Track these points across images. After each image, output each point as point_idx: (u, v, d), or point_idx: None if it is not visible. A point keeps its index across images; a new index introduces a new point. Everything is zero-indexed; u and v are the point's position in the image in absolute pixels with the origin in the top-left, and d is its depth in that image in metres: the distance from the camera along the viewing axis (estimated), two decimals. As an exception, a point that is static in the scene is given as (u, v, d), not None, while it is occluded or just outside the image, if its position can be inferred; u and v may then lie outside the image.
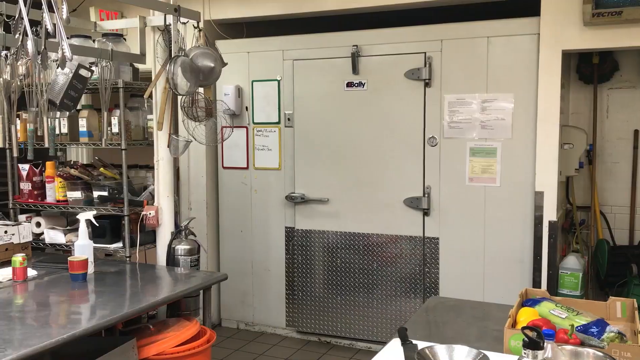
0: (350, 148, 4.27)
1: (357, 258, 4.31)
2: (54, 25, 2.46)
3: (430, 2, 4.09)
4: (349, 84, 4.21)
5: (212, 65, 3.32)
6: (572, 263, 4.01)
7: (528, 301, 2.26)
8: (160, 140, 3.43)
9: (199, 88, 3.42)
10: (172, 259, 3.35)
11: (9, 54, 2.84)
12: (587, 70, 4.58)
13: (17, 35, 2.63)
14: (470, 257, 4.02)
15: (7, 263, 3.00)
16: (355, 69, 4.14)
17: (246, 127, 4.61)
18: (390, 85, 4.09)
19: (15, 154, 3.18)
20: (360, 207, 4.27)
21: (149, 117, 3.72)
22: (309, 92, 4.36)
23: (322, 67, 4.28)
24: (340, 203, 4.34)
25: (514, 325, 2.09)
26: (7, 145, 3.26)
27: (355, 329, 4.37)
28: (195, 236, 3.50)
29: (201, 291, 3.09)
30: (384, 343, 2.13)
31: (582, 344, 1.90)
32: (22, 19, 2.43)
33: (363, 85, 4.16)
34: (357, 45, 4.11)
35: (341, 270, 4.37)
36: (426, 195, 4.07)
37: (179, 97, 3.41)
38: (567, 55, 3.96)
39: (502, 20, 3.87)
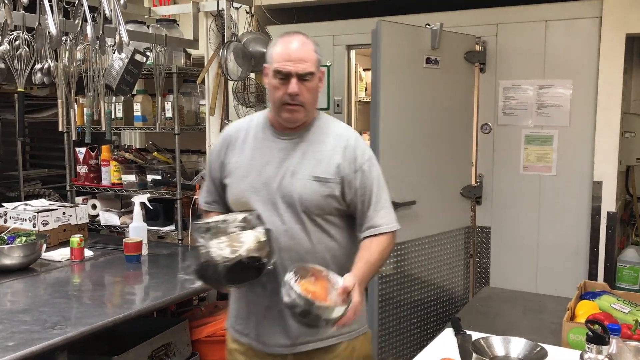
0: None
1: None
2: (111, 10, 2.51)
3: (486, -15, 3.97)
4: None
5: (264, 50, 3.32)
6: (632, 256, 3.86)
7: (587, 294, 2.19)
8: (212, 125, 3.46)
9: (251, 73, 3.42)
10: (222, 243, 3.38)
11: (67, 40, 2.91)
12: (652, 55, 4.37)
13: (76, 21, 2.68)
14: (523, 248, 3.92)
15: (65, 243, 3.10)
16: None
17: (295, 113, 4.60)
18: (446, 71, 3.99)
19: (73, 138, 3.26)
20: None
21: (201, 102, 3.76)
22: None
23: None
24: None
25: (572, 318, 2.02)
26: (65, 129, 3.36)
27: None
28: (244, 221, 3.52)
29: (251, 275, 3.11)
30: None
31: (647, 340, 1.83)
32: (82, 5, 2.48)
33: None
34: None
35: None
36: (478, 183, 3.98)
37: (231, 83, 3.43)
38: (630, 39, 3.78)
39: (562, 3, 3.71)
